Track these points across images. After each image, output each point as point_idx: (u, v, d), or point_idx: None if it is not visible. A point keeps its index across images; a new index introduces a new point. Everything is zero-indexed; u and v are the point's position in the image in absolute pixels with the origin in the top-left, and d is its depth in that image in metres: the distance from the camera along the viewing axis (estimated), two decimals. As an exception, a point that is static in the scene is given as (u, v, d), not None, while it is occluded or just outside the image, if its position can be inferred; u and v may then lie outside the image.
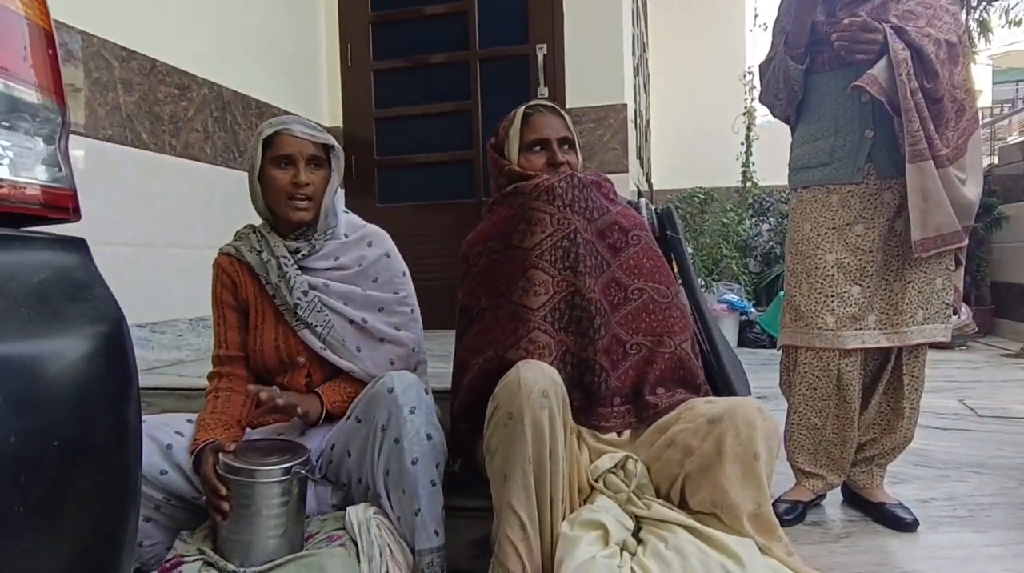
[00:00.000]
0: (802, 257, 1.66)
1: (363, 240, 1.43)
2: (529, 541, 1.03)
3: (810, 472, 1.70)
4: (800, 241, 1.67)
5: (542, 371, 1.05)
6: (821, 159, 1.64)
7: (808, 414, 1.67)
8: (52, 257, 0.53)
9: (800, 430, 1.69)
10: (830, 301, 1.61)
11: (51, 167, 0.57)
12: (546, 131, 1.34)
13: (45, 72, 0.54)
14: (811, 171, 1.67)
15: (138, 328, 2.12)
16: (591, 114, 2.91)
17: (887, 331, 1.61)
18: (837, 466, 1.70)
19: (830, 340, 1.61)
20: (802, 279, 1.65)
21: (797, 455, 1.71)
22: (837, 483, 1.73)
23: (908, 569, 1.41)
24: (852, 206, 1.61)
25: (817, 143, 1.65)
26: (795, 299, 1.67)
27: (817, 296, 1.63)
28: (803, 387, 1.67)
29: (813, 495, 1.70)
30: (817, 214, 1.64)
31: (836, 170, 1.62)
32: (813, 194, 1.66)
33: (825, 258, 1.62)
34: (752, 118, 5.50)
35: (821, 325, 1.62)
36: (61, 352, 0.46)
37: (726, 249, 4.71)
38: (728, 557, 0.98)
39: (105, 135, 2.04)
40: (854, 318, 1.60)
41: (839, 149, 1.61)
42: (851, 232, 1.61)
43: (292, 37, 3.06)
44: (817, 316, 1.62)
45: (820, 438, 1.67)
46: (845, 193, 1.61)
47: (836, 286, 1.61)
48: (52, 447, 0.42)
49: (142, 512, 1.24)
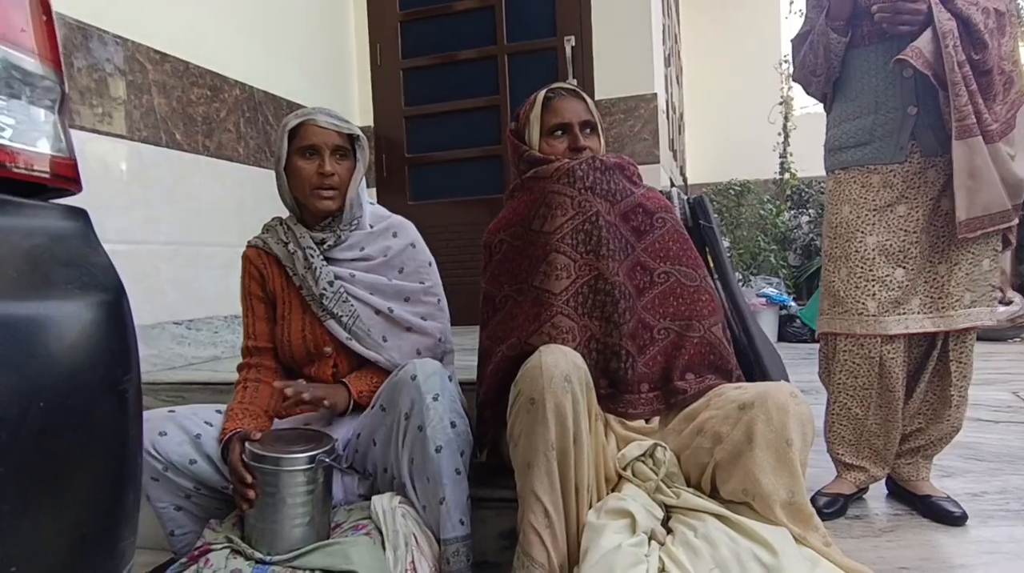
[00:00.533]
0: (840, 240, 1.59)
1: (388, 230, 1.43)
2: (554, 529, 1.01)
3: (852, 464, 1.64)
4: (839, 224, 1.60)
5: (564, 355, 1.02)
6: (861, 138, 1.58)
7: (849, 404, 1.61)
8: (47, 223, 0.53)
9: (840, 421, 1.63)
10: (871, 285, 1.55)
11: (54, 137, 0.57)
12: (568, 115, 1.31)
13: (43, 40, 0.54)
14: (850, 151, 1.60)
15: (175, 325, 2.17)
16: (620, 105, 2.87)
17: (932, 315, 1.54)
18: (880, 458, 1.63)
19: (871, 326, 1.54)
20: (840, 263, 1.59)
21: (838, 447, 1.65)
22: (880, 476, 1.66)
23: (956, 564, 1.35)
24: (894, 186, 1.54)
25: (856, 122, 1.59)
26: (833, 284, 1.61)
27: (857, 281, 1.56)
28: (843, 376, 1.61)
29: (855, 488, 1.64)
30: (857, 195, 1.58)
31: (877, 149, 1.55)
32: (852, 175, 1.59)
33: (865, 241, 1.56)
34: (789, 107, 5.36)
35: (862, 310, 1.55)
36: (49, 314, 0.46)
37: (764, 242, 4.59)
38: (760, 546, 0.94)
39: (140, 137, 2.09)
40: (897, 302, 1.53)
41: (880, 127, 1.54)
42: (893, 213, 1.54)
43: (322, 37, 3.09)
44: (857, 301, 1.56)
45: (862, 429, 1.61)
46: (887, 173, 1.55)
47: (877, 269, 1.54)
48: (36, 407, 0.42)
49: (174, 501, 1.26)
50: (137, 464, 0.56)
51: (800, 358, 3.81)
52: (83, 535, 0.47)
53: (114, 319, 0.53)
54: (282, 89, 2.75)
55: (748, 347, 1.46)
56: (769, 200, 4.88)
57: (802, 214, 5.27)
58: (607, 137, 2.86)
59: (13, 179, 0.56)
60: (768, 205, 4.75)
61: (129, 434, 0.53)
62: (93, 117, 1.95)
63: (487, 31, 3.09)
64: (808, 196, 5.28)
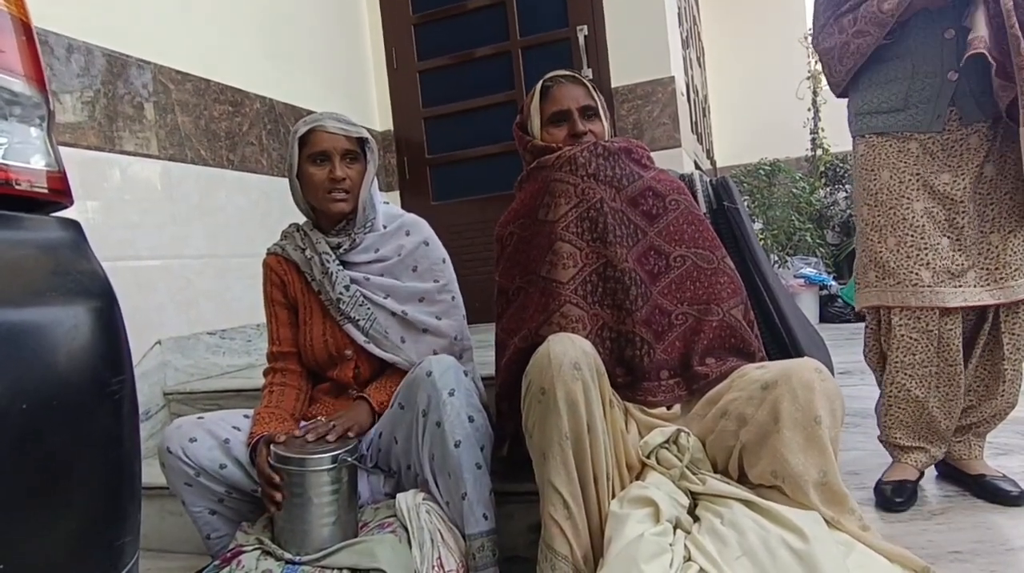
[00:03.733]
0: (884, 207, 1.49)
1: (401, 229, 1.44)
2: (574, 520, 0.99)
3: (911, 446, 1.54)
4: (879, 190, 1.50)
5: (572, 343, 1.00)
6: (894, 104, 1.48)
7: (907, 384, 1.51)
8: (35, 235, 0.54)
9: (899, 403, 1.53)
10: (924, 253, 1.45)
11: (45, 153, 0.59)
12: (566, 102, 1.29)
13: (28, 61, 0.56)
14: (882, 116, 1.50)
15: (209, 335, 2.22)
16: (638, 90, 2.83)
17: (991, 288, 1.44)
18: (941, 438, 1.54)
19: (928, 297, 1.45)
20: (887, 232, 1.49)
21: (895, 431, 1.55)
22: (940, 455, 1.57)
23: (1015, 546, 1.28)
24: (935, 154, 1.45)
25: (889, 86, 1.49)
26: (881, 255, 1.50)
27: (908, 250, 1.46)
28: (900, 354, 1.51)
29: (919, 472, 1.55)
30: (895, 160, 1.48)
31: (912, 116, 1.46)
32: (887, 140, 1.49)
33: (912, 206, 1.46)
34: (817, 81, 5.19)
35: (916, 281, 1.45)
36: (33, 320, 0.47)
37: (799, 221, 4.46)
38: (790, 532, 0.90)
39: (167, 155, 2.15)
40: (952, 273, 1.44)
41: (916, 93, 1.45)
42: (937, 181, 1.45)
43: (338, 45, 3.13)
44: (911, 271, 1.46)
45: (922, 411, 1.51)
46: (924, 140, 1.46)
47: (928, 237, 1.45)
48: (18, 408, 0.43)
49: (208, 505, 1.29)
50: (134, 464, 0.57)
51: (844, 339, 3.70)
52: (77, 533, 0.48)
53: (102, 324, 0.54)
54: (301, 99, 2.79)
55: (782, 329, 1.41)
56: (802, 178, 4.75)
57: (838, 190, 5.11)
58: (626, 124, 2.83)
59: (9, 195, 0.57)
60: (801, 183, 4.62)
61: (123, 435, 0.54)
62: (133, 141, 2.02)
63: (499, 27, 3.09)
64: (843, 171, 5.11)
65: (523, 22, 3.04)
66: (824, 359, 1.39)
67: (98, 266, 0.58)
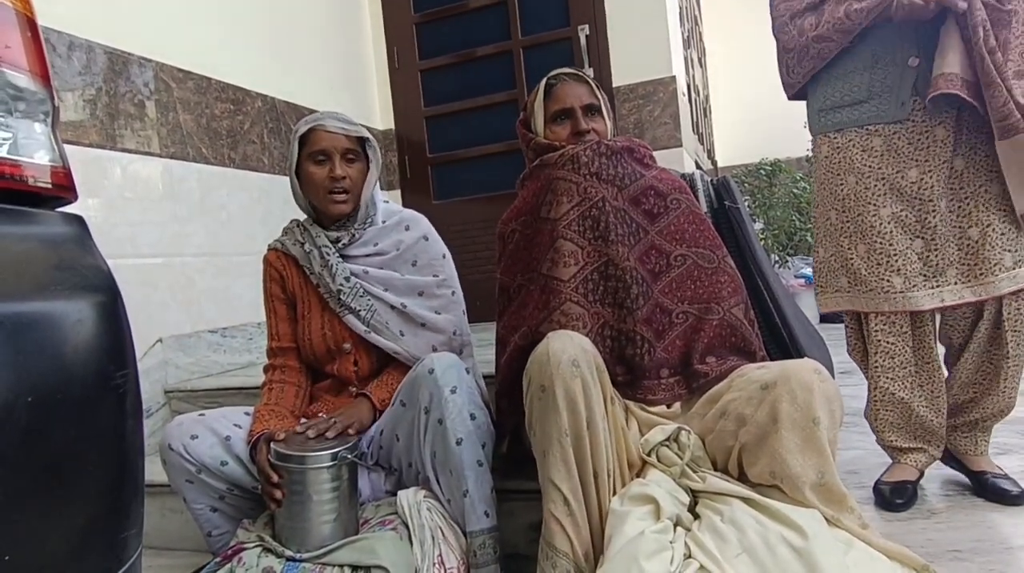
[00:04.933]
0: (852, 214, 1.49)
1: (400, 224, 1.44)
2: (575, 517, 0.99)
3: (907, 447, 1.54)
4: (846, 196, 1.49)
5: (571, 340, 1.01)
6: (856, 96, 1.45)
7: (890, 387, 1.52)
8: (40, 230, 0.55)
9: (886, 406, 1.54)
10: (893, 260, 1.45)
11: (50, 149, 0.59)
12: (570, 100, 1.30)
13: (33, 59, 0.56)
14: (844, 111, 1.48)
15: (211, 333, 2.22)
16: (639, 90, 2.83)
17: (972, 284, 1.43)
18: (935, 436, 1.54)
19: (900, 302, 1.45)
20: (857, 239, 1.49)
21: (887, 433, 1.56)
22: (938, 454, 1.56)
23: (1014, 545, 1.28)
24: (900, 150, 1.42)
25: (849, 78, 1.46)
26: (852, 262, 1.51)
27: (878, 257, 1.46)
28: (880, 358, 1.52)
29: (919, 472, 1.54)
30: (860, 162, 1.46)
31: (876, 107, 1.43)
32: (850, 138, 1.47)
33: (879, 213, 1.45)
34: (819, 81, 5.20)
35: (887, 288, 1.46)
36: (38, 314, 0.47)
37: (800, 222, 4.46)
38: (790, 529, 0.91)
39: (168, 153, 2.15)
40: (925, 276, 1.44)
41: (878, 83, 1.42)
42: (904, 180, 1.43)
43: (339, 44, 3.13)
44: (882, 278, 1.46)
45: (910, 412, 1.52)
46: (889, 134, 1.43)
47: (896, 243, 1.45)
48: (24, 401, 0.44)
49: (209, 503, 1.29)
50: (137, 458, 0.57)
51: (843, 339, 3.69)
52: (81, 525, 0.49)
53: (106, 319, 0.54)
54: (303, 98, 2.79)
55: (782, 329, 1.41)
56: (802, 178, 4.75)
57: (839, 191, 5.11)
58: (627, 123, 2.83)
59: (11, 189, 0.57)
60: (802, 183, 4.62)
61: (126, 428, 0.54)
62: (135, 139, 2.02)
63: (501, 26, 3.09)
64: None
65: (525, 21, 3.04)
66: (824, 359, 1.39)
67: (102, 261, 0.59)
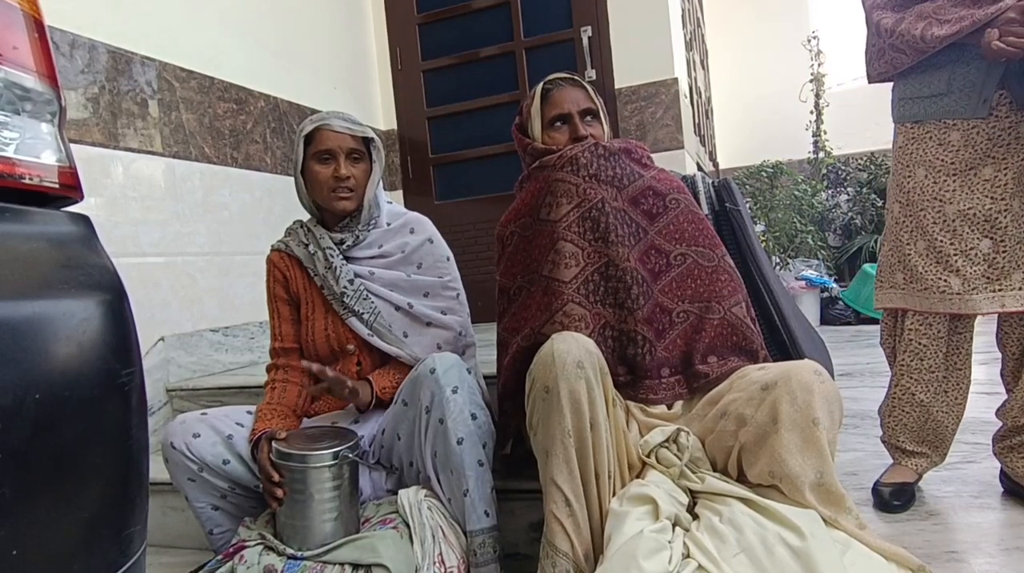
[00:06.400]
0: (915, 208, 1.43)
1: (405, 227, 1.44)
2: (576, 518, 1.00)
3: (913, 451, 1.53)
4: (912, 189, 1.43)
5: (576, 342, 1.01)
6: (936, 88, 1.39)
7: (912, 389, 1.49)
8: (46, 229, 0.55)
9: (903, 406, 1.51)
10: (954, 259, 1.38)
11: (56, 149, 0.60)
12: (567, 105, 1.30)
13: (40, 59, 0.57)
14: (924, 102, 1.42)
15: (212, 332, 2.23)
16: (641, 92, 2.83)
17: None
18: (944, 443, 1.52)
19: (957, 304, 1.39)
20: (917, 235, 1.43)
21: (899, 434, 1.53)
22: (940, 461, 1.54)
23: (1010, 546, 1.28)
24: (977, 144, 1.36)
25: (932, 71, 1.40)
26: (910, 258, 1.44)
27: (938, 255, 1.40)
28: (908, 357, 1.48)
29: (918, 475, 1.53)
30: (933, 155, 1.40)
31: (955, 101, 1.37)
32: (927, 130, 1.41)
33: (945, 209, 1.39)
34: (820, 84, 5.20)
35: (944, 288, 1.39)
36: (45, 313, 0.48)
37: (801, 224, 4.46)
38: (788, 529, 0.91)
39: (171, 152, 2.16)
40: (988, 278, 1.37)
41: (960, 77, 1.36)
42: (977, 176, 1.37)
43: (343, 45, 3.14)
44: (939, 278, 1.40)
45: (927, 416, 1.48)
46: (968, 129, 1.36)
47: (961, 241, 1.38)
48: (32, 398, 0.44)
49: (211, 501, 1.30)
50: (142, 455, 0.58)
51: (844, 341, 3.71)
52: (87, 521, 0.49)
53: (112, 317, 0.55)
54: (305, 98, 2.80)
55: (783, 330, 1.42)
56: (804, 180, 4.75)
57: (840, 193, 5.11)
58: (629, 125, 2.84)
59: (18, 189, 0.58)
60: (803, 185, 4.62)
61: (132, 426, 0.55)
62: (137, 138, 2.03)
63: (504, 27, 3.10)
64: (845, 174, 5.12)
65: (527, 22, 3.05)
66: (824, 361, 1.40)
67: (108, 260, 0.59)
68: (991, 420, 1.56)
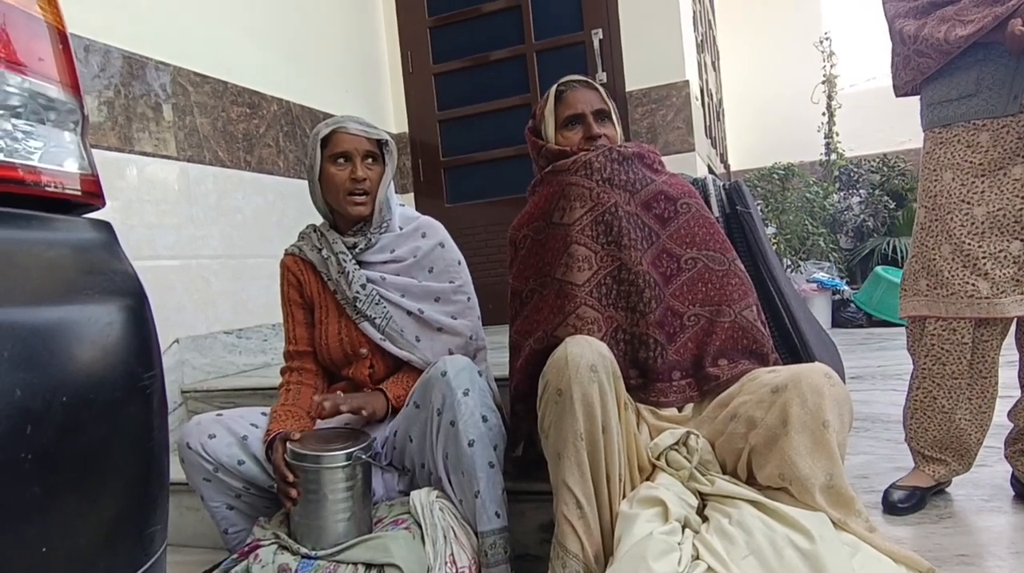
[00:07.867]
0: (941, 211, 1.42)
1: (417, 231, 1.46)
2: (587, 519, 1.01)
3: (932, 457, 1.50)
4: (939, 193, 1.42)
5: (589, 345, 1.02)
6: (965, 89, 1.39)
7: (935, 393, 1.47)
8: (70, 235, 0.57)
9: (924, 411, 1.49)
10: (982, 263, 1.37)
11: (79, 157, 0.61)
12: (580, 106, 1.32)
13: (64, 70, 0.59)
14: (953, 105, 1.41)
15: (226, 335, 2.26)
16: (652, 94, 2.84)
17: None
18: (969, 453, 1.49)
19: (985, 309, 1.37)
20: (943, 239, 1.41)
21: (919, 438, 1.51)
22: (962, 471, 1.52)
23: (1020, 549, 1.28)
24: (1007, 144, 1.35)
25: (958, 73, 1.40)
26: (935, 263, 1.43)
27: (965, 259, 1.38)
28: (929, 361, 1.46)
29: (933, 481, 1.50)
30: (961, 158, 1.39)
31: (985, 100, 1.36)
32: (955, 133, 1.40)
33: (973, 212, 1.37)
34: (832, 86, 5.18)
35: (972, 292, 1.38)
36: (70, 318, 0.49)
37: (812, 226, 4.44)
38: (797, 532, 0.92)
39: (185, 156, 2.19)
40: (1018, 281, 1.35)
41: (988, 76, 1.35)
42: (1007, 177, 1.35)
43: (354, 48, 3.17)
44: (967, 282, 1.38)
45: (949, 423, 1.46)
46: (998, 128, 1.35)
47: (989, 244, 1.36)
48: (59, 401, 0.46)
49: (226, 501, 1.32)
50: (162, 456, 0.59)
51: (856, 344, 3.69)
52: (111, 520, 0.51)
53: (134, 322, 0.56)
54: (318, 102, 2.83)
55: (793, 333, 1.42)
56: (815, 183, 4.73)
57: (852, 195, 5.08)
58: (640, 127, 2.84)
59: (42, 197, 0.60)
60: (815, 188, 4.60)
61: (153, 427, 0.57)
62: (151, 142, 2.06)
63: (515, 30, 3.11)
64: (857, 176, 5.09)
65: (538, 25, 3.06)
66: (835, 364, 1.39)
67: (129, 266, 0.61)
68: (1004, 423, 1.55)
